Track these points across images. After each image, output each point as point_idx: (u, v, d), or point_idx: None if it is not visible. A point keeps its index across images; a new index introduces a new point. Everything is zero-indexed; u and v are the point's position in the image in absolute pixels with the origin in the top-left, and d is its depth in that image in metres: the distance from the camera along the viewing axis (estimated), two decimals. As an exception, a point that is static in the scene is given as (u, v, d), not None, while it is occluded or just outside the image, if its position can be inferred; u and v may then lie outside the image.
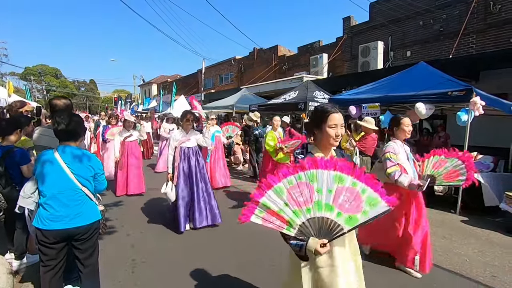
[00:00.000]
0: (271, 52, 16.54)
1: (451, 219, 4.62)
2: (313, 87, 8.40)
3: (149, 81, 38.38)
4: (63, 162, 2.01)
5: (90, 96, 59.19)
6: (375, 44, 10.40)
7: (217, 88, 20.83)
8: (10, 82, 10.32)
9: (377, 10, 10.92)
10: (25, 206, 2.15)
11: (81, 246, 2.11)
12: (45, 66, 52.60)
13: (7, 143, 2.80)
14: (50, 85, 50.94)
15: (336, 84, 9.59)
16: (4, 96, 9.08)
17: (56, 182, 2.00)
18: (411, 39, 10.04)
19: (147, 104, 20.66)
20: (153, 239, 3.78)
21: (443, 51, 9.10)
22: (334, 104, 6.36)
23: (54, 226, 1.99)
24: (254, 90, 13.07)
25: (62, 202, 2.00)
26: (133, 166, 5.85)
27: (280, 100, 8.57)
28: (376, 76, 6.76)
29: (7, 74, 32.37)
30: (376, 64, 10.32)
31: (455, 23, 8.79)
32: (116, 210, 4.89)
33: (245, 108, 10.09)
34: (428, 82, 5.14)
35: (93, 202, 2.16)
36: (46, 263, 2.08)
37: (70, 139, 2.10)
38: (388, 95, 5.45)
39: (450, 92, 4.60)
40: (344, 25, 12.33)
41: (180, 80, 27.25)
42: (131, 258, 3.24)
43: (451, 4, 8.92)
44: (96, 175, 2.16)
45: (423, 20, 9.59)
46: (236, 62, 19.62)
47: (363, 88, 6.31)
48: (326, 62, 12.71)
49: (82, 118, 2.27)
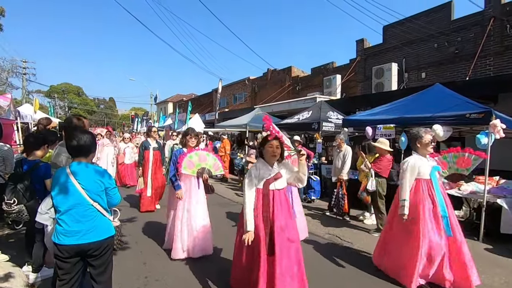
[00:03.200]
0: (285, 73, 16.85)
1: (474, 246, 4.37)
2: (327, 107, 8.43)
3: (165, 100, 39.58)
4: (73, 178, 2.06)
5: (108, 114, 61.36)
6: (389, 66, 10.45)
7: (231, 107, 21.21)
8: (37, 100, 10.92)
9: (391, 33, 11.07)
10: (42, 221, 2.21)
11: (94, 262, 2.13)
12: (68, 85, 55.28)
13: (33, 157, 2.93)
14: (72, 102, 53.31)
15: (350, 104, 9.59)
16: (30, 113, 9.60)
17: (68, 198, 2.05)
18: (425, 61, 10.04)
19: (163, 121, 21.18)
20: (166, 257, 3.76)
21: (459, 73, 9.03)
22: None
23: (67, 241, 2.02)
24: (268, 110, 13.22)
25: (74, 218, 2.04)
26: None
27: (293, 120, 8.62)
28: (391, 97, 6.74)
29: (34, 92, 34.21)
30: (390, 85, 10.32)
31: (471, 45, 8.77)
32: (130, 226, 4.93)
33: (259, 127, 10.17)
34: (444, 104, 5.07)
35: (106, 218, 2.17)
36: (62, 277, 2.11)
37: (81, 155, 2.15)
38: (403, 117, 5.40)
39: (469, 115, 4.52)
40: (358, 47, 12.51)
41: (195, 99, 27.98)
42: (143, 275, 3.23)
43: (466, 27, 8.94)
44: (107, 189, 2.18)
45: (437, 43, 9.62)
46: (250, 82, 20.05)
47: (378, 109, 6.29)
48: (340, 83, 12.81)
49: (94, 135, 2.33)
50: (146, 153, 6.03)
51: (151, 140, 6.17)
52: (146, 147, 6.06)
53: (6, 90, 23.54)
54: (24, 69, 25.35)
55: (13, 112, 7.45)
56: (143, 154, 6.00)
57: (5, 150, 3.44)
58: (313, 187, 7.17)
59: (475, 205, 5.15)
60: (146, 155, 6.02)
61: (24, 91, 25.47)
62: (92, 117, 52.95)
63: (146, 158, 6.01)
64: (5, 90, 22.94)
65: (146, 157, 6.01)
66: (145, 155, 6.02)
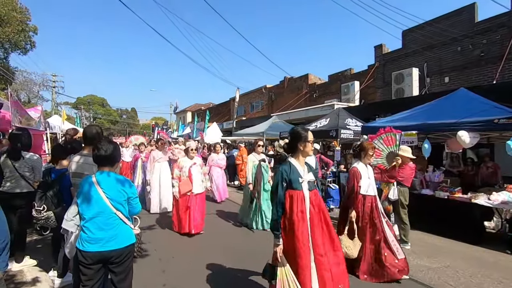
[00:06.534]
0: (302, 81, 16.82)
1: (507, 261, 4.09)
2: (345, 114, 8.31)
3: (184, 109, 40.50)
4: (99, 186, 2.14)
5: (130, 123, 63.59)
6: (410, 71, 10.18)
7: (248, 116, 21.37)
8: (64, 111, 11.55)
9: (410, 38, 10.82)
10: (68, 228, 2.29)
11: (115, 269, 2.18)
12: (93, 96, 57.96)
13: (60, 167, 3.08)
14: (96, 113, 55.78)
15: (369, 111, 9.41)
16: (59, 123, 10.15)
17: (93, 206, 2.12)
18: (448, 65, 9.70)
19: (182, 130, 21.65)
20: (184, 264, 3.79)
21: (485, 77, 8.64)
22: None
23: (90, 248, 2.08)
24: (285, 118, 13.21)
25: (98, 226, 2.11)
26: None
27: (311, 128, 8.54)
28: (412, 103, 6.55)
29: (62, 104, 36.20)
30: (411, 91, 10.03)
31: (497, 47, 8.40)
32: (149, 233, 5.01)
33: (276, 135, 10.17)
34: (470, 109, 4.87)
35: (128, 226, 2.23)
36: (85, 283, 2.16)
37: (107, 164, 2.24)
38: (426, 123, 5.22)
39: (497, 120, 4.30)
40: (376, 53, 12.31)
41: (213, 108, 28.44)
42: (162, 283, 3.26)
43: (491, 28, 8.59)
44: (130, 199, 2.24)
45: (461, 46, 9.29)
46: (266, 90, 20.16)
47: (398, 115, 6.12)
48: (358, 90, 12.61)
49: (119, 145, 2.41)
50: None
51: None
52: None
53: (38, 102, 25.08)
54: (53, 82, 26.90)
55: (43, 123, 7.89)
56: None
57: (34, 159, 3.63)
58: (331, 196, 7.01)
59: (507, 216, 4.84)
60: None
61: (54, 103, 26.95)
62: (115, 127, 55.10)
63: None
64: (37, 103, 24.44)
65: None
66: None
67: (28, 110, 6.64)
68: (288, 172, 2.39)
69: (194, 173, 4.99)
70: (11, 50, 20.68)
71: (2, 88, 18.90)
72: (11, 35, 18.48)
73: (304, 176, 2.42)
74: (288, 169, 2.41)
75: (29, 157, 3.59)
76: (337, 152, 7.65)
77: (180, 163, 5.06)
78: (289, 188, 2.38)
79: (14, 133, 3.68)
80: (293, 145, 2.51)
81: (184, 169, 4.96)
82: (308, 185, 2.43)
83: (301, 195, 2.37)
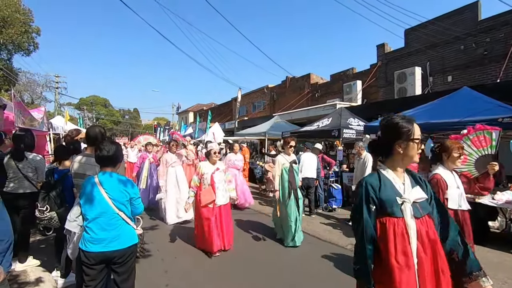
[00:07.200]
0: (304, 80, 16.78)
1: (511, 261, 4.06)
2: (347, 114, 8.28)
3: (186, 109, 40.61)
4: (101, 187, 2.15)
5: (133, 124, 63.85)
6: (412, 70, 10.13)
7: (250, 116, 21.36)
8: (67, 112, 11.60)
9: (413, 36, 10.76)
10: (71, 229, 2.30)
11: (118, 269, 2.18)
12: (96, 97, 58.27)
13: (63, 167, 3.09)
14: (99, 113, 56.09)
15: (371, 111, 9.35)
16: (62, 124, 10.20)
17: (95, 207, 2.13)
18: (451, 64, 9.63)
19: (184, 130, 21.70)
20: (187, 265, 3.79)
21: (489, 75, 8.57)
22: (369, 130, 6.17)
23: (93, 249, 2.10)
24: (287, 117, 13.18)
25: (101, 226, 2.12)
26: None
27: (313, 127, 8.53)
28: (414, 102, 6.51)
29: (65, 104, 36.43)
30: (414, 90, 9.97)
31: (501, 45, 8.33)
32: (152, 234, 5.02)
33: (278, 135, 10.15)
34: (474, 107, 4.83)
35: (130, 226, 2.24)
36: (88, 283, 2.17)
37: (109, 165, 2.25)
38: (429, 122, 5.18)
39: (501, 119, 4.26)
40: (378, 52, 12.25)
41: (215, 108, 28.46)
42: (164, 283, 3.26)
43: (495, 27, 8.52)
44: (132, 199, 2.25)
45: (464, 44, 9.22)
46: (268, 90, 20.14)
47: (401, 114, 6.08)
48: (360, 89, 12.57)
49: (121, 146, 2.43)
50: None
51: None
52: None
53: (41, 103, 25.25)
54: (56, 83, 27.04)
55: (46, 124, 7.93)
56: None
57: (37, 160, 3.65)
58: (334, 196, 7.00)
59: (511, 216, 4.79)
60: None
61: (57, 104, 27.11)
62: (118, 127, 55.34)
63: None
64: (40, 103, 24.61)
65: None
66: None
67: (31, 111, 6.68)
68: (377, 188, 1.48)
69: (217, 180, 4.21)
70: (15, 52, 20.84)
71: (6, 89, 19.04)
72: (14, 37, 18.61)
73: (405, 195, 1.47)
74: (377, 182, 1.50)
75: (32, 157, 3.61)
76: (340, 152, 7.63)
77: (201, 169, 4.23)
78: (380, 215, 1.47)
79: (18, 134, 3.70)
80: (385, 144, 1.58)
81: (205, 175, 4.17)
82: (414, 210, 1.45)
83: (402, 226, 1.42)
